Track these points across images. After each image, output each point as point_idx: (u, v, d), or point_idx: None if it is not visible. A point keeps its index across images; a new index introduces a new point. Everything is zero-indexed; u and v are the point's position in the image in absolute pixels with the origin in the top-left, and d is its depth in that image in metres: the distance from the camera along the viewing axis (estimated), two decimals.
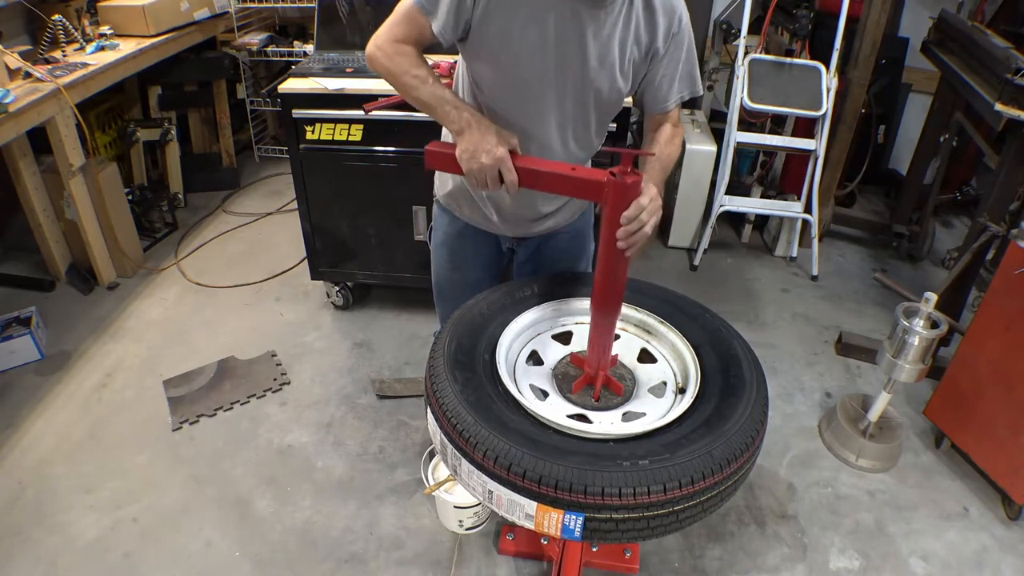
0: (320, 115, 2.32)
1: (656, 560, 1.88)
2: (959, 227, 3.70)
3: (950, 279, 2.41)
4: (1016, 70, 2.12)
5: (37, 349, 2.54)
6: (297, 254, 3.10)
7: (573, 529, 1.03)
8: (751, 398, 1.18)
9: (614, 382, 1.31)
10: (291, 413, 2.35)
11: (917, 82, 3.69)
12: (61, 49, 2.85)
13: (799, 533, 1.98)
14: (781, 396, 2.49)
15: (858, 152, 3.49)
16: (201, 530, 1.94)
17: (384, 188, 2.42)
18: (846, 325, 2.86)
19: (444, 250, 1.67)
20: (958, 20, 2.81)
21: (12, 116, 2.30)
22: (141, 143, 3.48)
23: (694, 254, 3.29)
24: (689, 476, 1.02)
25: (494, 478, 1.06)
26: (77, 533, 1.91)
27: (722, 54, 3.51)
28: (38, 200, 2.80)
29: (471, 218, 1.59)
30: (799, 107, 2.91)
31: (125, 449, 2.19)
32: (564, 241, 1.65)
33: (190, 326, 2.78)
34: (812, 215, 3.12)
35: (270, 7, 3.85)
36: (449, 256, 1.67)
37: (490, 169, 1.22)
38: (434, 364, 1.23)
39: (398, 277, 2.68)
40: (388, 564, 1.85)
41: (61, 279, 2.99)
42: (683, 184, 3.25)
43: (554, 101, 1.32)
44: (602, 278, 1.23)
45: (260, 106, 4.05)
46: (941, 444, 2.27)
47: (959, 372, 2.14)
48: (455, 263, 1.68)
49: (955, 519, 2.04)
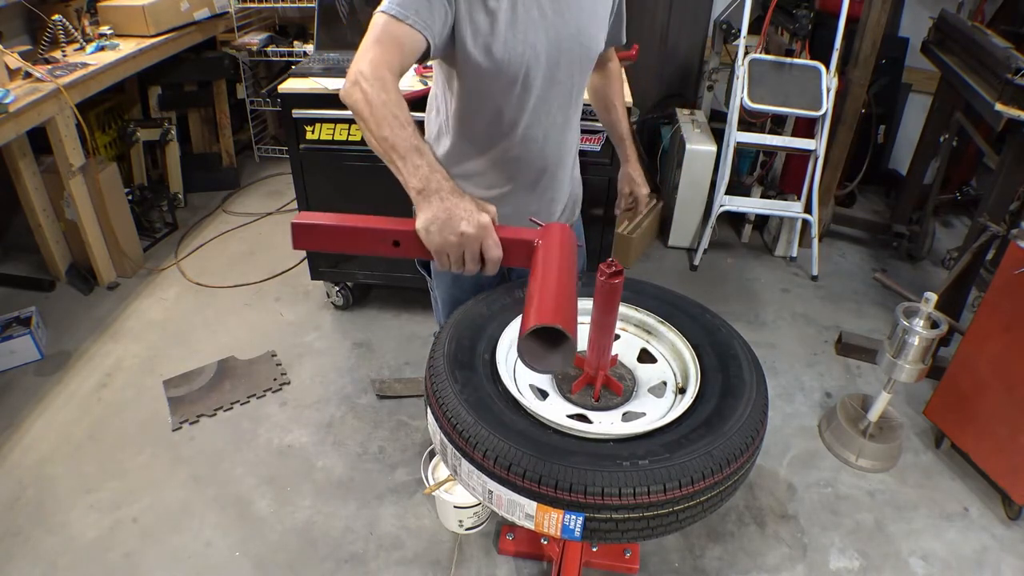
0: (320, 115, 2.32)
1: (656, 560, 1.88)
2: (959, 227, 3.70)
3: (950, 279, 2.41)
4: (1016, 70, 2.12)
5: (37, 349, 2.54)
6: (297, 254, 3.10)
7: (573, 529, 1.03)
8: (751, 398, 1.18)
9: (614, 382, 1.31)
10: (291, 413, 2.35)
11: (917, 82, 3.69)
12: (61, 49, 2.85)
13: (799, 533, 1.98)
14: (781, 396, 2.49)
15: (858, 152, 3.49)
16: (201, 530, 1.94)
17: (384, 188, 2.39)
18: (846, 325, 2.86)
19: (447, 275, 1.59)
20: (958, 20, 2.81)
21: (12, 116, 2.30)
22: (141, 143, 3.48)
23: (694, 254, 3.29)
24: (689, 476, 1.02)
25: (494, 478, 1.06)
26: (77, 533, 1.91)
27: (722, 54, 3.51)
28: (38, 200, 2.80)
29: None
30: (799, 107, 2.91)
31: (125, 449, 2.19)
32: None
33: (190, 326, 2.78)
34: (812, 215, 3.12)
35: (270, 7, 3.85)
36: (452, 279, 1.60)
37: (471, 242, 0.96)
38: (434, 364, 1.23)
39: (398, 277, 2.68)
40: (388, 564, 1.85)
41: (61, 279, 2.99)
42: (683, 184, 3.25)
43: (558, 75, 1.29)
44: None
45: (260, 106, 4.05)
46: (941, 444, 2.27)
47: (959, 372, 2.14)
48: (459, 285, 1.60)
49: (955, 519, 2.04)
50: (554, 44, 1.27)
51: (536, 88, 1.31)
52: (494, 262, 0.99)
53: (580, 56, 1.33)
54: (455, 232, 0.95)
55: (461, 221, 0.95)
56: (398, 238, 1.03)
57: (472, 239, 0.96)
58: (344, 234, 1.03)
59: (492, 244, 0.98)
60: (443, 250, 0.98)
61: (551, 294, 0.96)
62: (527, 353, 0.94)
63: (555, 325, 0.90)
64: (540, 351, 0.95)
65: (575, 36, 1.29)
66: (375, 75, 1.04)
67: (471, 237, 0.96)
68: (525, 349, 0.93)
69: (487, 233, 0.97)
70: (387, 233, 1.03)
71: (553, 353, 0.95)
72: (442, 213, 0.96)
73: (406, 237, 1.02)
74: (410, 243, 1.02)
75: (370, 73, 1.04)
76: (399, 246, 1.03)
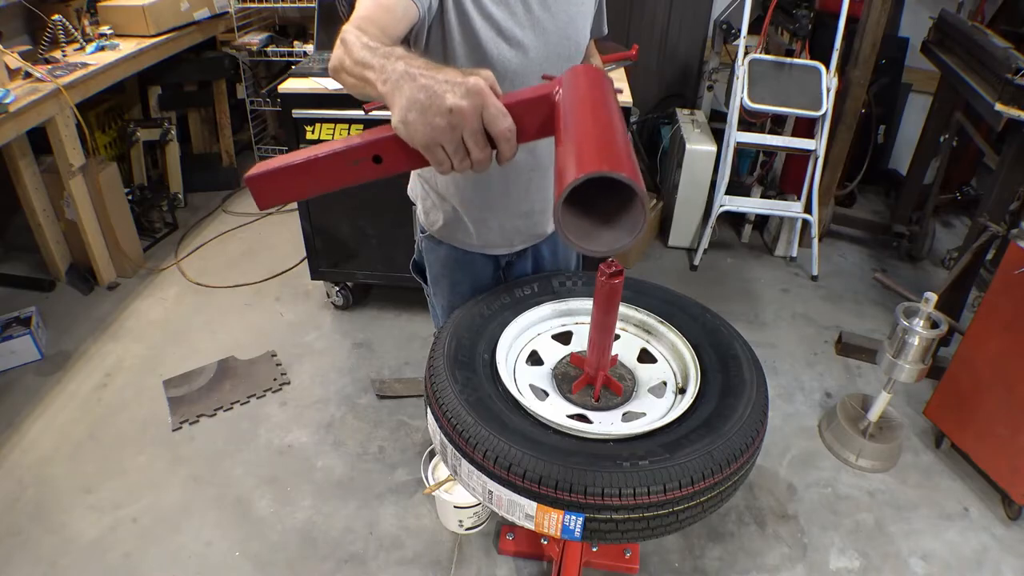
0: (320, 115, 2.32)
1: (656, 560, 1.88)
2: (959, 227, 3.70)
3: (950, 279, 2.41)
4: (1016, 70, 2.12)
5: (37, 349, 2.54)
6: (297, 254, 3.10)
7: (573, 529, 1.03)
8: (751, 398, 1.18)
9: (614, 382, 1.31)
10: (291, 413, 2.35)
11: (917, 82, 3.69)
12: (61, 49, 2.85)
13: (799, 533, 1.98)
14: (781, 396, 2.49)
15: (858, 152, 3.49)
16: (201, 530, 1.94)
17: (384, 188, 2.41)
18: (846, 325, 2.86)
19: (445, 281, 1.58)
20: (958, 20, 2.81)
21: (12, 116, 2.30)
22: (141, 143, 3.48)
23: (694, 254, 3.29)
24: (689, 476, 1.02)
25: (494, 478, 1.06)
26: (77, 533, 1.91)
27: (722, 54, 3.51)
28: (38, 200, 2.80)
29: (466, 243, 1.49)
30: (799, 107, 2.91)
31: (125, 449, 2.19)
32: (558, 243, 1.64)
33: (190, 326, 2.78)
34: (812, 215, 3.12)
35: (270, 7, 3.84)
36: (451, 286, 1.58)
37: (466, 117, 0.69)
38: (434, 364, 1.23)
39: (398, 277, 2.68)
40: (388, 564, 1.85)
41: (61, 279, 2.99)
42: (683, 184, 3.25)
43: (546, 70, 1.26)
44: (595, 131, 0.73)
45: (260, 106, 4.05)
46: (941, 444, 2.27)
47: (959, 372, 2.14)
48: (458, 291, 1.58)
49: (955, 519, 2.04)
50: (542, 39, 1.25)
51: (526, 84, 1.29)
52: (505, 137, 0.72)
53: (568, 49, 1.32)
54: (441, 111, 0.69)
55: (445, 95, 0.69)
56: (376, 151, 0.78)
57: (466, 113, 0.69)
58: (312, 170, 0.79)
59: (495, 112, 0.70)
60: (434, 141, 0.71)
61: (596, 134, 0.68)
62: (570, 228, 0.65)
63: (613, 173, 0.60)
64: (586, 224, 0.67)
65: (563, 29, 1.28)
66: (355, 27, 0.92)
67: (464, 110, 0.69)
68: (566, 221, 0.65)
69: (484, 99, 0.69)
70: (361, 150, 0.78)
71: (607, 225, 0.67)
72: (419, 93, 0.70)
73: (386, 146, 0.77)
74: (394, 152, 0.77)
75: (351, 27, 0.92)
76: (382, 162, 0.79)
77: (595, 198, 0.65)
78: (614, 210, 0.67)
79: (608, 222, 0.67)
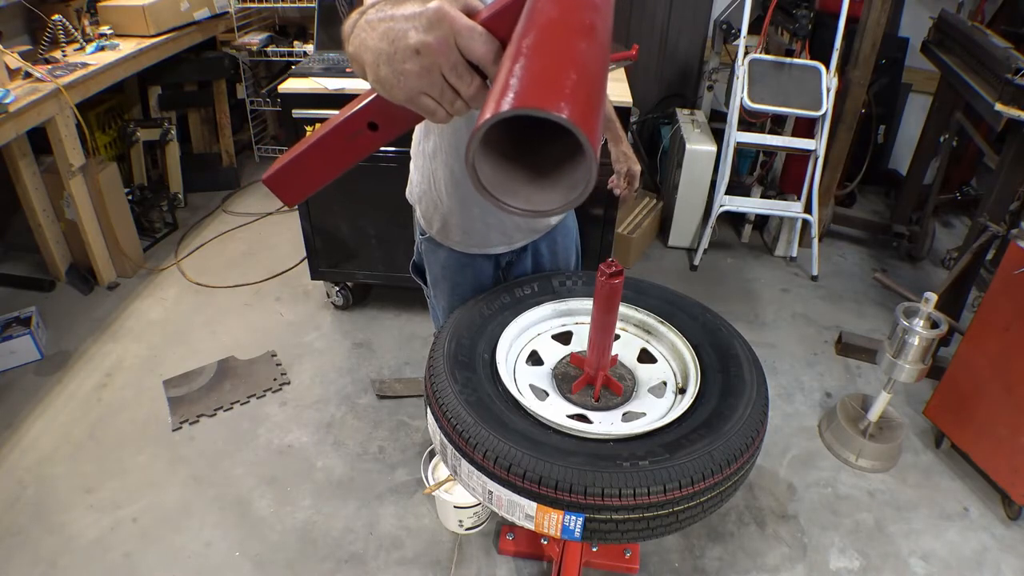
0: (320, 115, 2.32)
1: (656, 560, 1.88)
2: (959, 227, 3.70)
3: (950, 279, 2.41)
4: (1016, 70, 2.12)
5: (37, 349, 2.54)
6: (297, 254, 3.10)
7: (573, 530, 1.03)
8: (751, 398, 1.18)
9: (614, 382, 1.31)
10: (291, 413, 2.35)
11: (917, 82, 3.69)
12: (61, 49, 2.85)
13: (799, 533, 1.98)
14: (781, 396, 2.49)
15: (858, 152, 3.49)
16: (201, 530, 1.94)
17: (384, 188, 2.41)
18: (846, 325, 2.86)
19: (445, 283, 1.57)
20: (958, 20, 2.81)
21: (12, 116, 2.29)
22: (141, 143, 3.48)
23: (694, 254, 3.29)
24: (689, 477, 1.02)
25: (494, 479, 1.06)
26: (77, 533, 1.91)
27: (722, 54, 3.51)
28: (38, 200, 2.80)
29: (465, 244, 1.49)
30: (799, 107, 2.91)
31: (125, 449, 2.19)
32: (558, 241, 1.64)
33: (190, 326, 2.78)
34: (812, 215, 3.12)
35: (270, 7, 3.84)
36: (451, 288, 1.57)
37: (439, 51, 0.58)
38: (434, 364, 1.23)
39: (398, 277, 2.68)
40: (388, 564, 1.85)
41: (61, 279, 2.99)
42: (683, 184, 3.25)
43: None
44: None
45: (260, 106, 4.05)
46: (941, 444, 2.27)
47: (959, 372, 2.14)
48: (458, 293, 1.58)
49: (955, 519, 2.04)
50: None
51: None
52: (491, 60, 0.58)
53: None
54: (409, 52, 0.58)
55: (408, 34, 0.58)
56: (370, 118, 0.73)
57: (435, 48, 0.58)
58: (319, 152, 0.76)
59: (468, 35, 0.57)
60: (413, 91, 0.60)
61: (545, 52, 0.51)
62: (486, 174, 0.51)
63: (549, 113, 0.44)
64: (519, 173, 0.54)
65: None
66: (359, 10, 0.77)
67: (431, 46, 0.58)
68: (481, 165, 0.51)
69: (452, 23, 0.57)
70: (356, 121, 0.73)
71: (545, 178, 0.53)
72: (380, 43, 0.60)
73: (376, 109, 0.71)
74: (385, 114, 0.72)
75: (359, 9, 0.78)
76: (379, 128, 0.73)
77: (540, 144, 0.52)
78: (556, 162, 0.52)
79: (547, 175, 0.53)
